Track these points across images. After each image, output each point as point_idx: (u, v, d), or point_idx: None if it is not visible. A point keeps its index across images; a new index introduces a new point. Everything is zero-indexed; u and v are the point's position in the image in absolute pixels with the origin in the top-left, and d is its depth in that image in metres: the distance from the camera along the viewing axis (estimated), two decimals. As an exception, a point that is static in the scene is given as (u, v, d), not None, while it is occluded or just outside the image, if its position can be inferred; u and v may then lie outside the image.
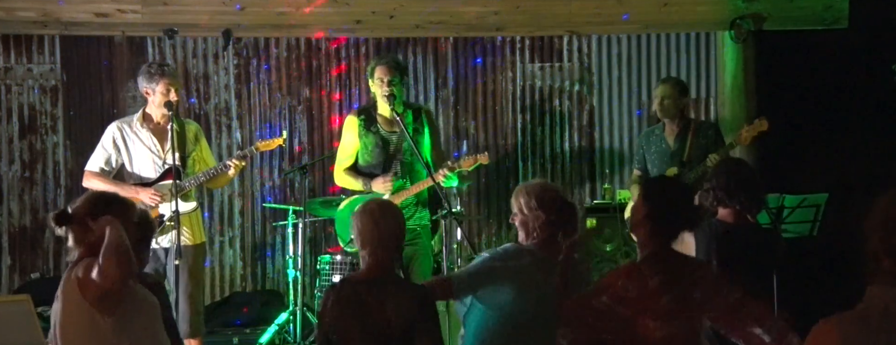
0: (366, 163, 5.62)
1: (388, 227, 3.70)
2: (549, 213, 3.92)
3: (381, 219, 3.70)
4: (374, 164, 5.59)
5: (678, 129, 6.06)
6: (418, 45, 7.74)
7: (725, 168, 4.49)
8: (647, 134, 6.33)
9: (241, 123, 7.67)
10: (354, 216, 3.78)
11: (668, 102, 6.06)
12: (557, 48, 7.79)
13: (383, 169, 5.58)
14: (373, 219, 3.70)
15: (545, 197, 3.95)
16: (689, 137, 6.00)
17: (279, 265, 7.57)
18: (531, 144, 7.80)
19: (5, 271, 7.48)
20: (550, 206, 3.94)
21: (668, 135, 6.09)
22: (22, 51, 7.48)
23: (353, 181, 5.62)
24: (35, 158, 7.53)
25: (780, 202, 5.06)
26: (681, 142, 6.02)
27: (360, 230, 3.72)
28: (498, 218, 7.74)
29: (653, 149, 6.13)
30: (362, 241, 3.72)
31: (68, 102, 7.55)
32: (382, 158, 5.57)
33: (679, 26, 7.57)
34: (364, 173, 5.61)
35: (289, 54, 7.70)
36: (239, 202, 7.67)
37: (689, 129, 6.04)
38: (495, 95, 7.80)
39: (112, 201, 3.51)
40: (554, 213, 3.93)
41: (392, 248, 3.73)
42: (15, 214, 7.50)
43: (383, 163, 5.57)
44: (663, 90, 6.12)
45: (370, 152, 5.59)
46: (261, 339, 6.56)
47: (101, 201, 3.47)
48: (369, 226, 3.69)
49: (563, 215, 3.96)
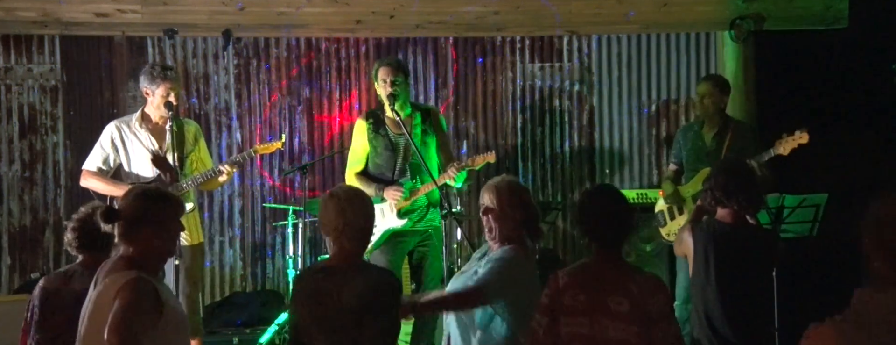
0: (376, 166, 5.62)
1: (353, 214, 3.59)
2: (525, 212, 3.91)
3: (347, 206, 3.60)
4: (384, 167, 5.59)
5: (717, 128, 5.96)
6: (418, 45, 7.75)
7: (724, 168, 4.48)
8: (685, 129, 6.24)
9: (241, 123, 7.67)
10: (321, 202, 3.70)
11: (707, 100, 5.96)
12: (557, 48, 7.79)
13: (393, 171, 5.58)
14: (338, 206, 3.60)
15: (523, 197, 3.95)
16: (728, 137, 5.89)
17: (279, 265, 7.57)
18: (531, 144, 7.80)
19: (5, 271, 7.48)
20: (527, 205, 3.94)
21: (707, 133, 5.99)
22: (22, 51, 7.48)
23: (365, 187, 5.60)
24: (35, 158, 7.53)
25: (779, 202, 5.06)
26: (718, 141, 5.92)
27: (324, 217, 3.62)
28: (498, 218, 7.73)
29: (689, 145, 6.04)
30: (326, 228, 3.62)
31: (68, 102, 7.55)
32: (392, 160, 5.57)
33: (679, 26, 7.57)
34: (375, 178, 5.60)
35: (289, 54, 7.70)
36: (239, 202, 7.67)
37: (727, 128, 5.94)
38: (495, 95, 7.80)
39: (158, 197, 3.48)
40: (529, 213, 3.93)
41: (356, 237, 3.61)
42: (15, 214, 7.50)
43: (393, 165, 5.58)
44: (704, 88, 6.02)
45: (379, 155, 5.60)
46: (261, 339, 6.55)
47: (147, 198, 3.44)
48: (333, 213, 3.59)
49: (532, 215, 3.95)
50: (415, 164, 5.54)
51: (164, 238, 3.42)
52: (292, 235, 6.89)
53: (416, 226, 5.53)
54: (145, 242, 3.36)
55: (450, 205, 5.60)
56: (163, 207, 3.43)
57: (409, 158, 5.56)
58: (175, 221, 3.47)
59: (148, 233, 3.36)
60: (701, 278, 4.33)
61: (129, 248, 3.37)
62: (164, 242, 3.42)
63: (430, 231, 5.55)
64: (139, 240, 3.36)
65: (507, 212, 3.91)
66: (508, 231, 3.92)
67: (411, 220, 5.49)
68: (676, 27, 7.59)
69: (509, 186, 3.96)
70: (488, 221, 3.95)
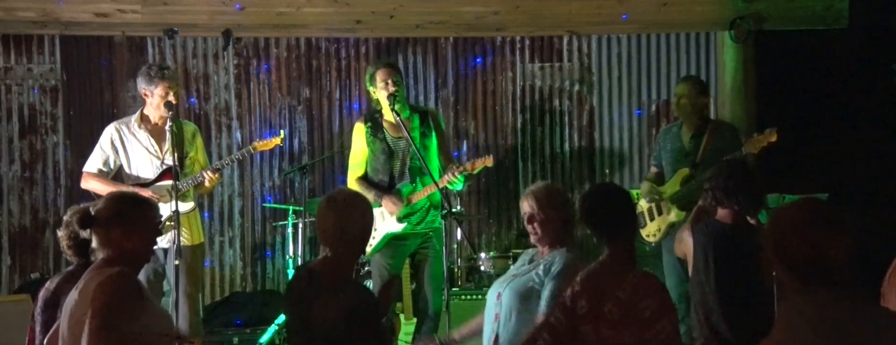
0: (374, 170, 5.59)
1: (350, 220, 3.54)
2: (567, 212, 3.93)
3: (345, 211, 3.54)
4: (382, 171, 5.56)
5: (695, 128, 5.95)
6: (418, 45, 7.74)
7: (724, 169, 4.48)
8: (665, 131, 6.24)
9: (241, 123, 7.67)
10: (319, 206, 3.63)
11: (684, 100, 5.96)
12: (557, 48, 7.79)
13: (391, 175, 5.55)
14: (336, 211, 3.54)
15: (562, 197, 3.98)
16: (705, 137, 5.88)
17: (279, 265, 7.57)
18: (531, 144, 7.79)
19: (5, 271, 7.48)
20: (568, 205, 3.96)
21: (685, 134, 5.99)
22: (22, 51, 7.49)
23: (365, 192, 5.57)
24: (35, 158, 7.54)
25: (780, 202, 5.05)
26: (696, 142, 5.91)
27: (321, 222, 3.56)
28: (498, 218, 7.74)
29: (668, 147, 6.04)
30: (324, 233, 3.55)
31: (68, 102, 7.55)
32: (390, 164, 5.55)
33: (679, 26, 7.57)
34: (375, 184, 5.58)
35: (289, 54, 7.70)
36: (239, 202, 7.67)
37: (706, 129, 5.93)
38: (495, 95, 7.80)
39: (135, 202, 3.47)
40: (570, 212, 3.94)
41: (352, 243, 3.55)
42: (15, 214, 7.51)
43: (391, 169, 5.55)
44: (681, 89, 6.03)
45: (377, 159, 5.57)
46: (261, 339, 6.55)
47: (124, 202, 3.44)
48: (332, 218, 3.53)
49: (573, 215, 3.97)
50: (414, 167, 5.53)
51: (136, 240, 3.39)
52: (292, 235, 6.89)
53: (416, 228, 5.51)
54: (118, 245, 3.34)
55: (450, 205, 5.60)
56: (133, 209, 3.41)
57: (408, 161, 5.53)
58: (147, 223, 3.44)
59: (119, 235, 3.35)
60: (700, 278, 4.33)
61: (107, 251, 3.37)
62: (136, 244, 3.39)
63: (431, 233, 5.54)
64: (113, 242, 3.35)
65: (549, 215, 3.90)
66: (554, 233, 3.92)
67: (411, 223, 5.47)
68: (676, 27, 7.59)
69: (546, 190, 3.98)
70: (533, 228, 3.94)
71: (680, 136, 6.00)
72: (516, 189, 7.74)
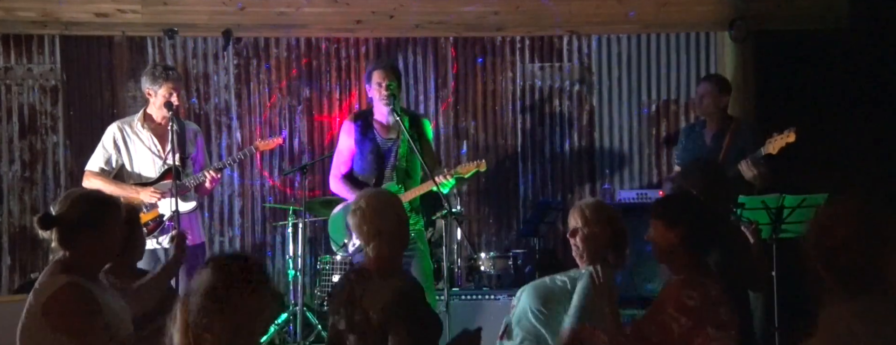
0: (361, 169, 5.58)
1: (388, 220, 3.69)
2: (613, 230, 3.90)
3: (383, 211, 3.70)
4: (369, 170, 5.55)
5: (717, 128, 5.93)
6: (418, 45, 7.74)
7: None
8: (688, 129, 6.23)
9: (241, 123, 7.67)
10: (352, 209, 3.75)
11: (707, 99, 5.94)
12: (557, 48, 7.79)
13: (378, 175, 5.55)
14: (373, 213, 3.69)
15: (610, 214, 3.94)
16: (727, 137, 5.85)
17: (279, 265, 7.57)
18: (531, 144, 7.79)
19: (5, 271, 7.48)
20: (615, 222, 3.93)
21: (707, 133, 5.97)
22: (22, 51, 7.49)
23: (346, 192, 5.55)
24: (35, 158, 7.54)
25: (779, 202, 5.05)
26: (717, 141, 5.88)
27: (359, 225, 3.70)
28: (498, 218, 7.74)
29: (690, 146, 6.03)
30: (365, 236, 3.70)
31: (68, 102, 7.55)
32: (377, 164, 5.54)
33: (679, 26, 7.57)
34: (359, 183, 5.57)
35: (289, 54, 7.70)
36: (239, 202, 7.67)
37: (728, 128, 5.89)
38: (495, 95, 7.79)
39: (98, 201, 3.42)
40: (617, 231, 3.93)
41: (393, 240, 3.70)
42: (15, 214, 7.51)
43: (378, 169, 5.54)
44: (704, 88, 6.01)
45: (365, 158, 5.56)
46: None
47: (86, 202, 3.38)
48: (369, 220, 3.68)
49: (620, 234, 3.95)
50: (401, 168, 5.53)
51: (107, 242, 3.37)
52: (292, 235, 6.89)
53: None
54: (85, 247, 3.30)
55: (449, 205, 5.60)
56: (103, 211, 3.37)
57: (396, 162, 5.53)
58: (116, 225, 3.40)
59: (89, 237, 3.31)
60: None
61: (66, 252, 3.31)
62: (105, 246, 3.37)
63: (414, 234, 5.53)
64: (78, 244, 3.30)
65: (595, 231, 3.87)
66: (595, 250, 3.87)
67: None
68: (676, 27, 7.59)
69: (595, 206, 3.94)
70: (575, 242, 3.90)
71: (703, 135, 5.99)
72: (516, 189, 7.74)
